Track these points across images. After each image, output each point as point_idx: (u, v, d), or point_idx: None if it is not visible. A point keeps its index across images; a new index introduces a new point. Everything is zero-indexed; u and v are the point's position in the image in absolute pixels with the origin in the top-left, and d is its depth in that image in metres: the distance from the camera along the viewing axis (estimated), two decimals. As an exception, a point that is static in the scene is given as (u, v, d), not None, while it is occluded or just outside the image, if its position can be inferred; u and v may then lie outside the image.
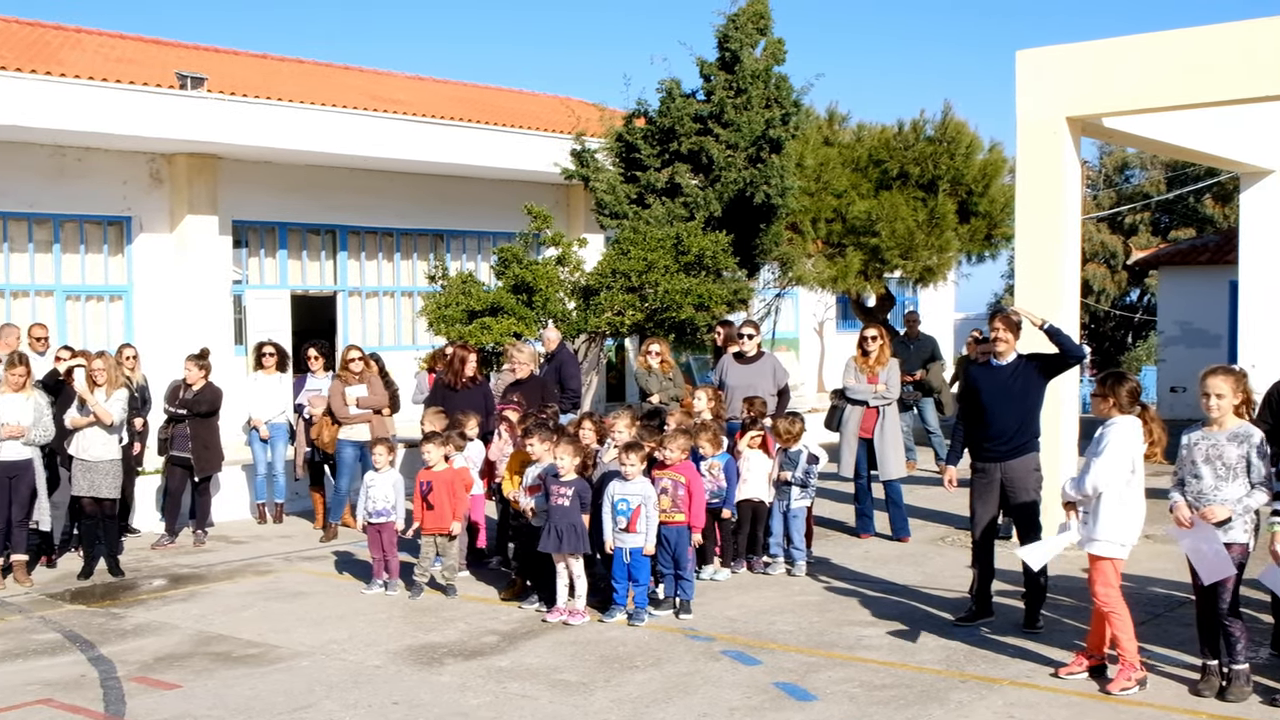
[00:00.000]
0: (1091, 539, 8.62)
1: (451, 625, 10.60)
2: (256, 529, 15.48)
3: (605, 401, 23.20)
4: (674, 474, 10.87)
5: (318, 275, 22.54)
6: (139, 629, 10.63)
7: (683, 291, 17.00)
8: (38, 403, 12.42)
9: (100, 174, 19.46)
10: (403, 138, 21.04)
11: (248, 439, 15.80)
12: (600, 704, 8.43)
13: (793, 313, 29.20)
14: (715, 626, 10.38)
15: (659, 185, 19.17)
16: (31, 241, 19.23)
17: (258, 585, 12.36)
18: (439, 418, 12.80)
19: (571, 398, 14.57)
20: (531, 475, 11.12)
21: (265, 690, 8.83)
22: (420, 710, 8.35)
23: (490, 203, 23.71)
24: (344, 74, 26.01)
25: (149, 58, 21.88)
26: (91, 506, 12.77)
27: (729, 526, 12.26)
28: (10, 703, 8.62)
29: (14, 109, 17.15)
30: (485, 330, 16.52)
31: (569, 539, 10.51)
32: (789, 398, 14.32)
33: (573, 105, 24.28)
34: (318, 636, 10.26)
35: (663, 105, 19.51)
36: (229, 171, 20.49)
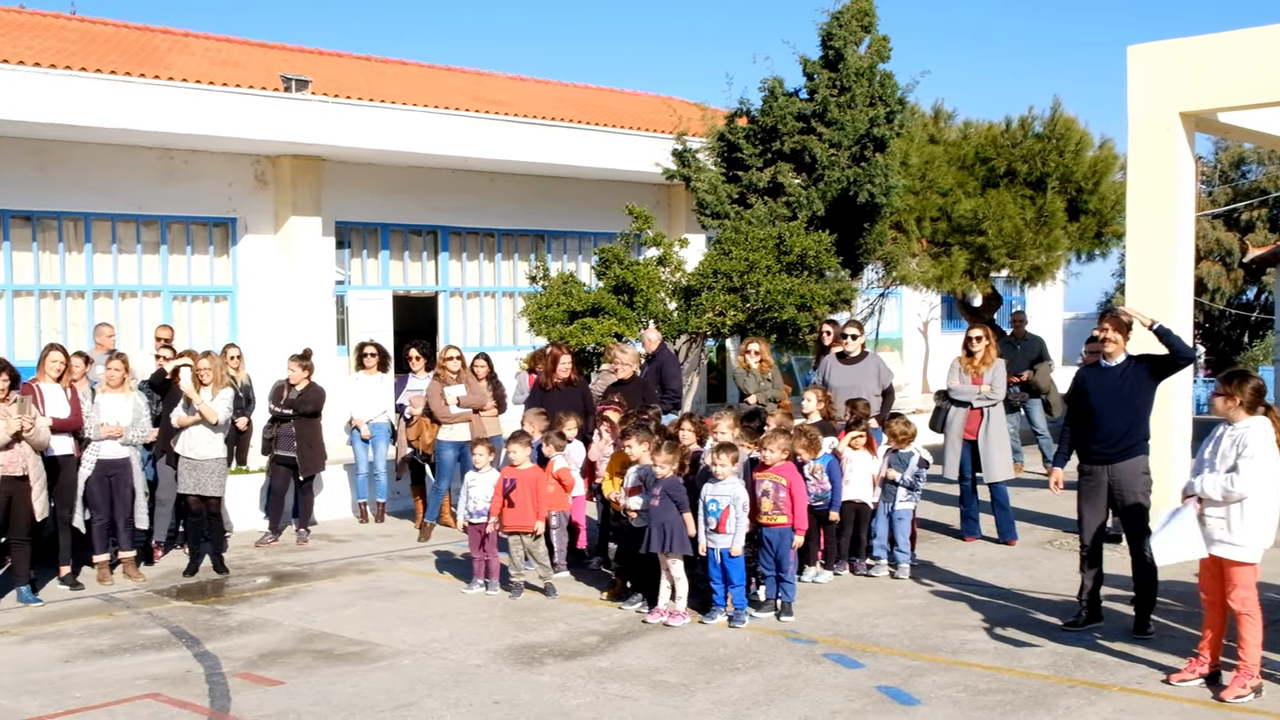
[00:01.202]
0: (1229, 543, 8.35)
1: (552, 625, 10.57)
2: (358, 528, 15.57)
3: (706, 402, 23.09)
4: (775, 475, 10.74)
5: (419, 276, 22.67)
6: (243, 626, 10.71)
7: (785, 292, 16.85)
8: (136, 403, 12.59)
9: (206, 176, 19.72)
10: (504, 138, 21.09)
11: (349, 439, 15.90)
12: (701, 705, 8.35)
13: (896, 313, 28.90)
14: (817, 629, 10.27)
15: (761, 185, 19.03)
16: (139, 243, 19.53)
17: (359, 584, 12.41)
18: (540, 418, 12.78)
19: (672, 398, 14.48)
20: (632, 476, 11.05)
21: (367, 688, 8.84)
22: (521, 710, 8.31)
23: (591, 203, 23.70)
24: (446, 75, 26.16)
25: (254, 61, 22.15)
26: (197, 504, 12.92)
27: (832, 528, 12.10)
28: (119, 696, 8.71)
29: (123, 112, 17.43)
30: (586, 331, 16.48)
31: (670, 540, 10.42)
32: (893, 398, 14.17)
33: (674, 105, 24.20)
34: (419, 635, 10.27)
35: (765, 104, 19.37)
36: (332, 173, 20.66)
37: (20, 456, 11.42)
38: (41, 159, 18.24)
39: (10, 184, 18.04)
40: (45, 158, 18.26)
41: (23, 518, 11.50)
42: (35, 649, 10.05)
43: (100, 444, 12.34)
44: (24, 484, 11.46)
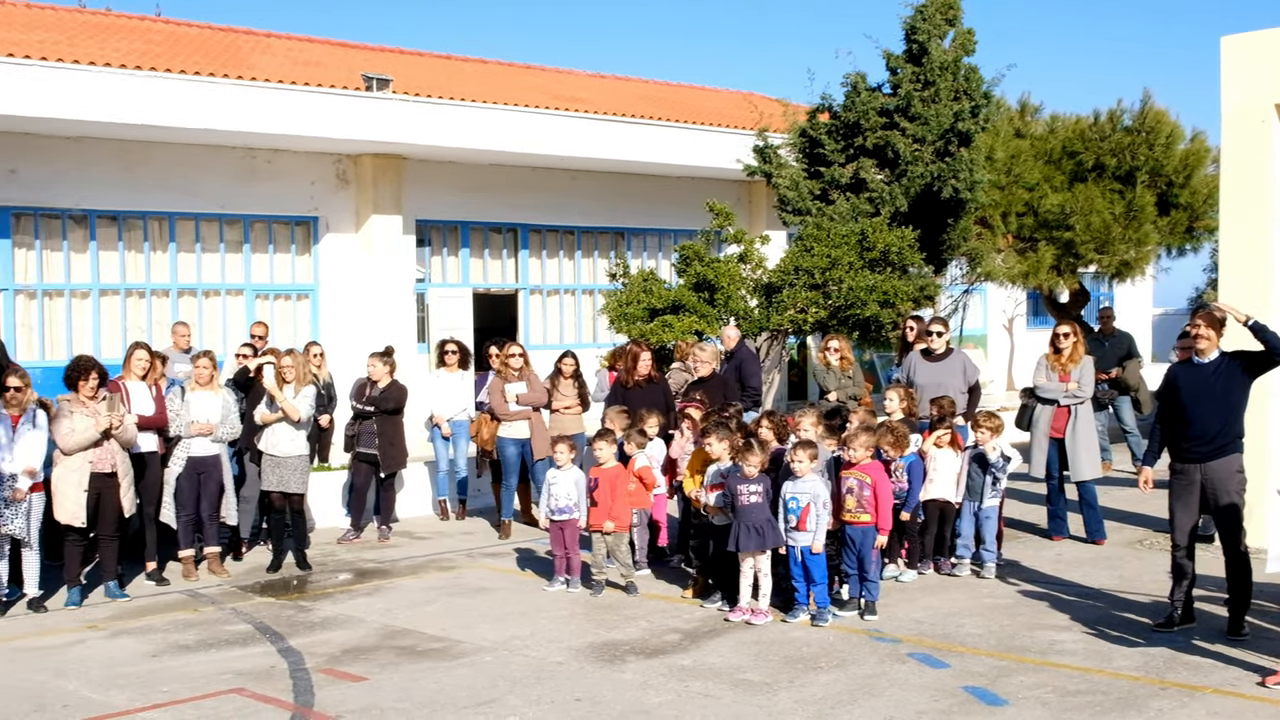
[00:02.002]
0: None
1: (633, 623, 10.50)
2: (439, 525, 15.60)
3: (787, 400, 22.96)
4: (860, 473, 10.62)
5: (499, 273, 22.72)
6: (326, 622, 10.74)
7: (867, 288, 16.70)
8: (225, 400, 12.69)
9: (288, 175, 19.89)
10: (584, 136, 21.08)
11: (430, 436, 15.93)
12: (784, 704, 8.26)
13: (981, 309, 28.60)
14: (901, 628, 10.15)
15: (843, 180, 18.90)
16: (223, 242, 19.73)
17: (441, 580, 12.42)
18: (621, 416, 12.72)
19: (752, 395, 14.36)
20: (713, 473, 10.96)
21: (449, 684, 8.83)
22: (602, 707, 8.26)
23: (671, 200, 23.65)
24: (526, 73, 26.21)
25: (335, 60, 22.31)
26: (280, 501, 12.99)
27: (914, 527, 11.94)
28: (205, 691, 8.77)
29: (207, 113, 17.61)
30: (666, 328, 16.42)
31: (759, 536, 10.33)
32: (979, 395, 13.99)
33: (755, 101, 24.08)
34: (500, 632, 10.25)
35: (847, 99, 19.24)
36: (413, 171, 20.76)
37: (109, 454, 11.55)
38: (127, 160, 18.47)
39: (97, 185, 18.29)
40: (131, 158, 18.49)
41: (111, 514, 11.63)
42: (123, 644, 10.14)
43: (191, 441, 12.45)
44: (112, 481, 11.59)
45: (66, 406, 11.49)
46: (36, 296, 18.20)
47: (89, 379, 11.49)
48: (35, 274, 18.21)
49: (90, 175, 18.22)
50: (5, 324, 17.89)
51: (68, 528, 11.40)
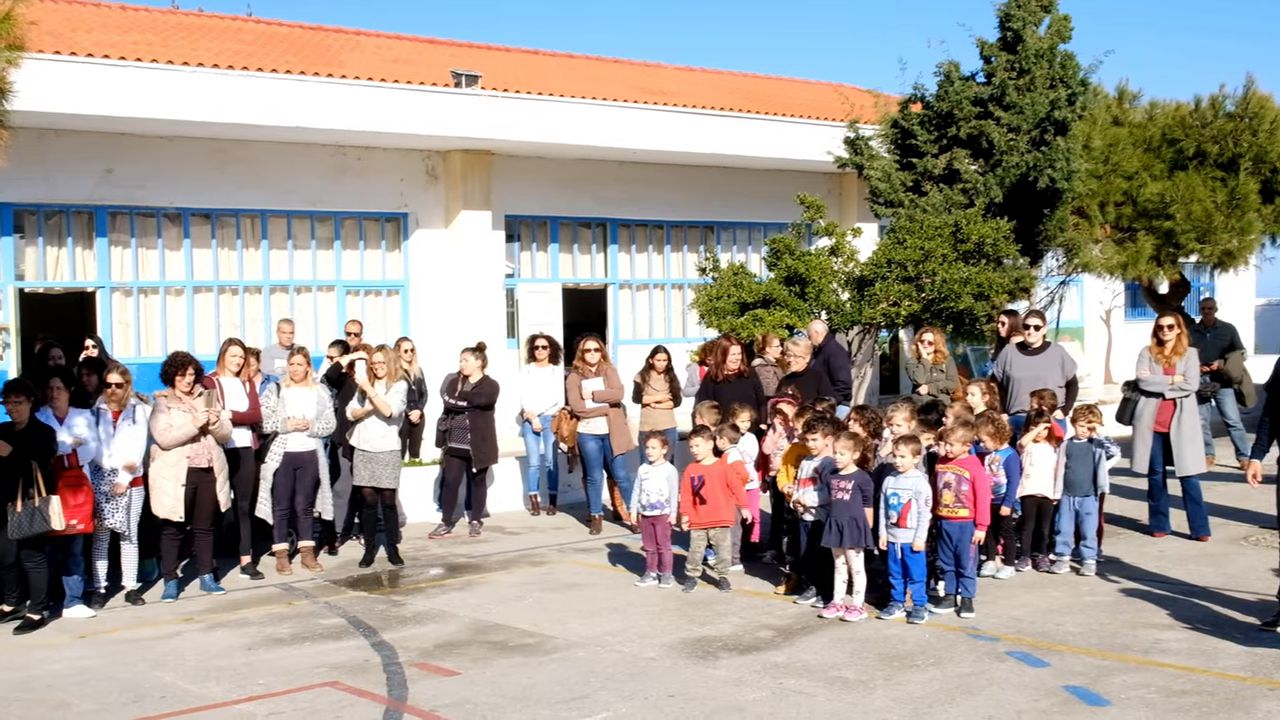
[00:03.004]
0: None
1: (726, 619, 10.42)
2: (530, 520, 15.59)
3: (879, 394, 22.75)
4: (957, 468, 10.46)
5: (589, 268, 22.70)
6: (418, 616, 10.75)
7: (961, 281, 16.51)
8: (320, 395, 12.76)
9: (378, 172, 20.00)
10: (673, 130, 21.00)
11: (521, 431, 15.92)
12: (880, 703, 8.14)
13: (1078, 301, 28.15)
14: (999, 626, 9.98)
15: (936, 171, 18.70)
16: (314, 238, 19.89)
17: (532, 576, 12.40)
18: (712, 411, 12.62)
19: (842, 389, 14.23)
20: (807, 469, 10.85)
21: (542, 679, 8.79)
22: (696, 704, 8.18)
23: (761, 193, 23.51)
24: (614, 67, 26.17)
25: (424, 57, 22.40)
26: (372, 496, 13.03)
27: (1011, 523, 11.74)
28: (300, 684, 8.81)
29: (298, 111, 17.75)
30: (757, 322, 16.34)
31: (850, 533, 10.20)
32: (1077, 389, 13.79)
33: (846, 92, 23.89)
34: (592, 628, 10.20)
35: (940, 89, 19.04)
36: (502, 167, 20.79)
37: (205, 449, 11.66)
38: (220, 158, 18.67)
39: (190, 183, 18.51)
40: (223, 156, 18.69)
41: (207, 508, 11.75)
42: (219, 636, 10.21)
43: (287, 436, 12.53)
44: (209, 475, 11.71)
45: (164, 402, 11.60)
46: (132, 294, 18.45)
47: (185, 374, 11.61)
48: (131, 272, 18.46)
49: (184, 174, 18.44)
50: (102, 321, 18.15)
51: (165, 522, 11.52)
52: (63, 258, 18.06)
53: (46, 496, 10.35)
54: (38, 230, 17.85)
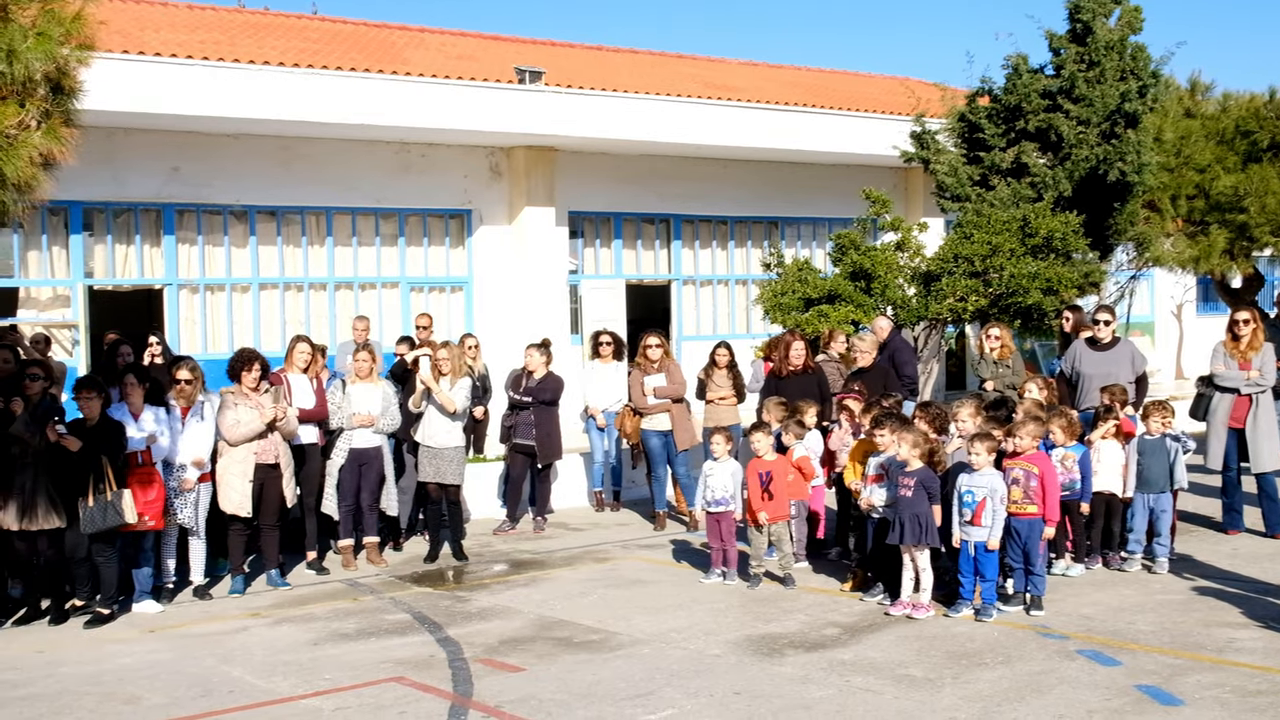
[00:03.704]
0: None
1: (791, 616, 10.34)
2: (594, 516, 15.56)
3: (945, 390, 22.56)
4: (1026, 464, 10.33)
5: (652, 264, 22.66)
6: (483, 612, 10.75)
7: (1030, 275, 16.36)
8: (385, 392, 12.79)
9: (442, 169, 20.06)
10: (737, 125, 20.93)
11: (585, 427, 15.90)
12: (948, 701, 8.05)
13: (1148, 295, 27.79)
14: (1069, 624, 9.85)
15: (1004, 165, 18.56)
16: (378, 235, 19.98)
17: (597, 572, 12.37)
18: (779, 407, 12.54)
19: (908, 384, 14.10)
20: (874, 465, 10.74)
21: (607, 676, 8.76)
22: (762, 701, 8.12)
23: (826, 188, 23.38)
24: (678, 62, 26.11)
25: (489, 54, 22.44)
26: (437, 492, 13.04)
27: (1080, 520, 11.58)
28: (366, 679, 8.82)
29: (363, 108, 17.83)
30: (822, 318, 16.24)
31: (915, 531, 10.09)
32: (1147, 385, 13.60)
33: (912, 86, 23.72)
34: (657, 624, 10.15)
35: (1008, 82, 18.92)
36: (565, 163, 20.78)
37: (273, 445, 11.73)
38: (285, 155, 18.79)
39: (256, 180, 18.63)
40: (289, 154, 18.80)
41: (274, 504, 11.81)
42: (285, 631, 10.25)
43: (353, 433, 12.57)
44: (275, 471, 11.77)
45: (230, 399, 11.67)
46: (199, 291, 18.60)
47: (252, 370, 11.68)
48: (197, 269, 18.61)
49: (250, 171, 18.57)
50: (169, 318, 18.32)
51: (232, 517, 11.59)
52: (131, 255, 18.24)
53: (118, 491, 10.44)
54: (106, 228, 18.04)
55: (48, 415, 10.52)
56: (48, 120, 9.36)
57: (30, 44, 9.06)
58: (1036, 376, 12.70)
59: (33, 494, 10.30)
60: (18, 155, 8.90)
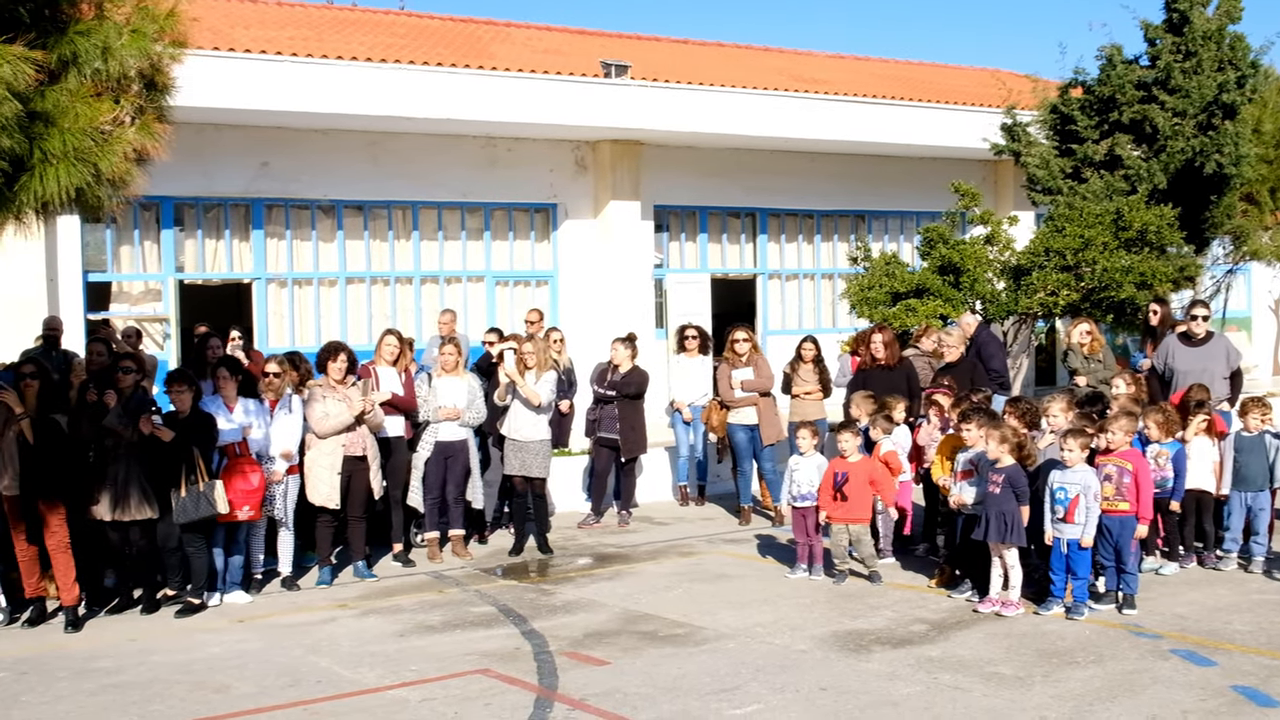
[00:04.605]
0: None
1: (878, 612, 10.25)
2: (679, 510, 15.53)
3: (1034, 385, 22.27)
4: (1119, 460, 10.15)
5: (738, 258, 22.59)
6: (568, 605, 10.75)
7: (1123, 269, 16.11)
8: (471, 385, 12.82)
9: (528, 163, 20.11)
10: (824, 118, 20.81)
11: (671, 421, 15.87)
12: (1039, 699, 7.94)
13: (1245, 290, 27.26)
14: (1162, 624, 9.67)
15: (1097, 158, 18.30)
16: (464, 229, 20.07)
17: (681, 566, 12.33)
18: (867, 402, 12.42)
19: (997, 379, 13.90)
20: (963, 461, 10.61)
21: (692, 670, 8.72)
22: (848, 697, 8.05)
23: (914, 181, 23.18)
24: (764, 55, 26.02)
25: (574, 48, 22.48)
26: (522, 485, 13.07)
27: (1173, 518, 11.37)
28: (451, 671, 8.85)
29: (449, 103, 17.93)
30: (910, 312, 16.08)
31: (1001, 529, 9.95)
32: (1242, 381, 13.35)
33: (1003, 77, 23.46)
34: (742, 619, 10.10)
35: (1102, 73, 18.68)
36: (650, 156, 20.76)
37: (360, 437, 11.80)
38: (372, 150, 18.93)
39: (343, 175, 18.80)
40: (376, 149, 18.95)
41: (360, 496, 11.88)
42: (372, 622, 10.32)
43: (438, 426, 12.61)
44: (363, 464, 11.84)
45: (319, 391, 11.76)
46: (287, 285, 18.80)
47: (337, 360, 11.76)
48: (286, 263, 18.81)
49: (337, 166, 18.73)
50: (257, 312, 18.54)
51: (320, 509, 11.68)
52: (220, 250, 18.47)
53: (210, 482, 10.55)
54: (196, 223, 18.29)
55: (140, 408, 10.67)
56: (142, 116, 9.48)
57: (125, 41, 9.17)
58: (1125, 372, 12.48)
59: (125, 485, 10.44)
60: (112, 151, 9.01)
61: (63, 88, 8.84)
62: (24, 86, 8.30)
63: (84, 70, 8.97)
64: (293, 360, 12.32)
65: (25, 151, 8.55)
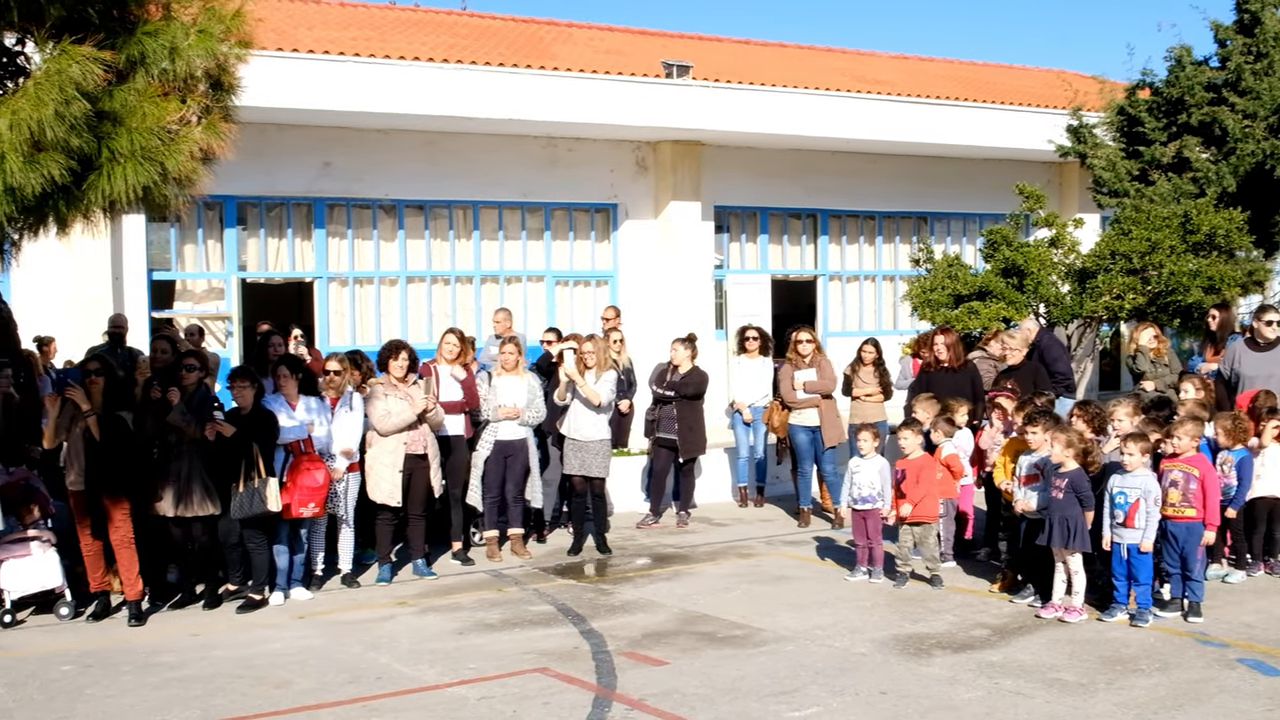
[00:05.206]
0: None
1: (939, 616, 10.17)
2: (738, 512, 15.49)
3: (1099, 390, 22.06)
4: (1185, 465, 10.01)
5: (798, 259, 22.52)
6: (626, 605, 10.74)
7: (1190, 273, 15.93)
8: (531, 384, 12.83)
9: (588, 163, 20.14)
10: (886, 118, 20.71)
11: (731, 422, 15.83)
12: (1102, 707, 7.85)
13: (1316, 295, 26.87)
14: (1229, 632, 9.54)
15: (1165, 160, 18.12)
16: (524, 229, 20.13)
17: (740, 567, 12.29)
18: (930, 404, 12.32)
19: (1061, 381, 13.75)
20: (1026, 465, 10.50)
21: (751, 671, 8.69)
22: (909, 701, 8.00)
23: (977, 183, 23.02)
24: (826, 55, 25.92)
25: (636, 48, 22.49)
26: (581, 484, 13.07)
27: (1239, 525, 11.21)
28: (510, 669, 8.86)
29: (510, 103, 17.99)
30: (972, 315, 15.97)
31: (1064, 534, 9.86)
32: (1313, 387, 13.01)
33: (1068, 78, 23.29)
34: (802, 621, 10.05)
35: (1171, 74, 18.49)
36: (711, 157, 20.73)
37: (421, 435, 11.85)
38: (433, 150, 19.02)
39: (404, 175, 18.89)
40: (436, 149, 19.03)
41: (421, 494, 11.91)
42: (431, 620, 10.35)
43: (498, 425, 12.64)
44: (423, 462, 11.88)
45: (380, 389, 11.81)
46: (348, 284, 18.92)
47: (398, 358, 11.82)
48: (347, 262, 18.93)
49: (398, 166, 18.82)
50: (319, 310, 18.66)
51: (381, 506, 11.72)
52: (282, 249, 18.62)
53: (265, 479, 10.62)
54: (259, 222, 18.45)
55: (203, 405, 10.77)
56: (208, 116, 9.54)
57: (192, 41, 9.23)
58: (1193, 376, 12.31)
59: (188, 481, 10.53)
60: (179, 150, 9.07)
61: (130, 87, 8.90)
62: (93, 86, 8.37)
63: (151, 70, 9.04)
64: (354, 359, 12.37)
65: (94, 151, 8.62)
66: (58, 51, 8.28)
